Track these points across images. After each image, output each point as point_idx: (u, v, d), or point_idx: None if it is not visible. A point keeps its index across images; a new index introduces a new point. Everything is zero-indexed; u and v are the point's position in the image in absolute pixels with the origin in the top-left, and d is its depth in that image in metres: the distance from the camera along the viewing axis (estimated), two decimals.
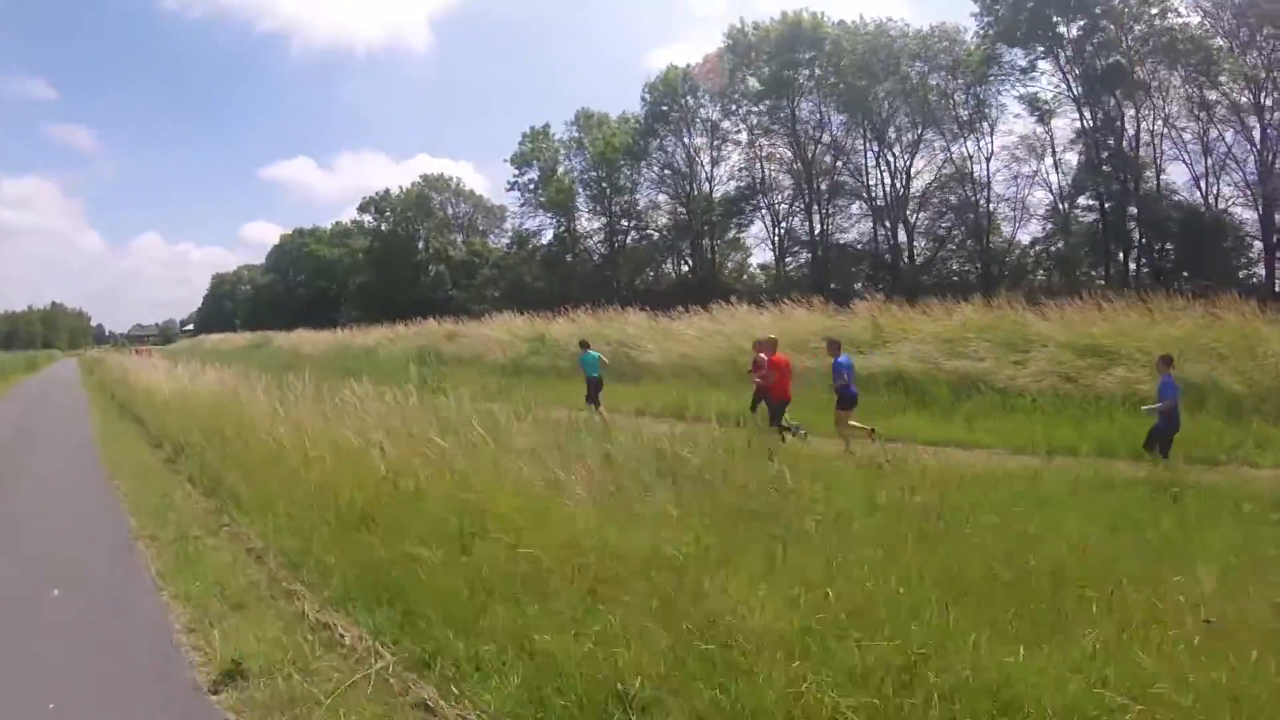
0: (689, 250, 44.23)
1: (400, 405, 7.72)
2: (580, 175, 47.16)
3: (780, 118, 38.83)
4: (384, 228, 61.14)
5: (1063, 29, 31.09)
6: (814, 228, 39.13)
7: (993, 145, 34.48)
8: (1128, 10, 29.81)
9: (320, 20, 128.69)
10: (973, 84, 33.98)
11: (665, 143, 43.26)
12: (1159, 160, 30.79)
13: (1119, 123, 30.89)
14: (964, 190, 35.10)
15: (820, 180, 38.49)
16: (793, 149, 39.01)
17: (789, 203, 40.40)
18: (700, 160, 42.69)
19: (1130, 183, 30.75)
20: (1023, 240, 35.07)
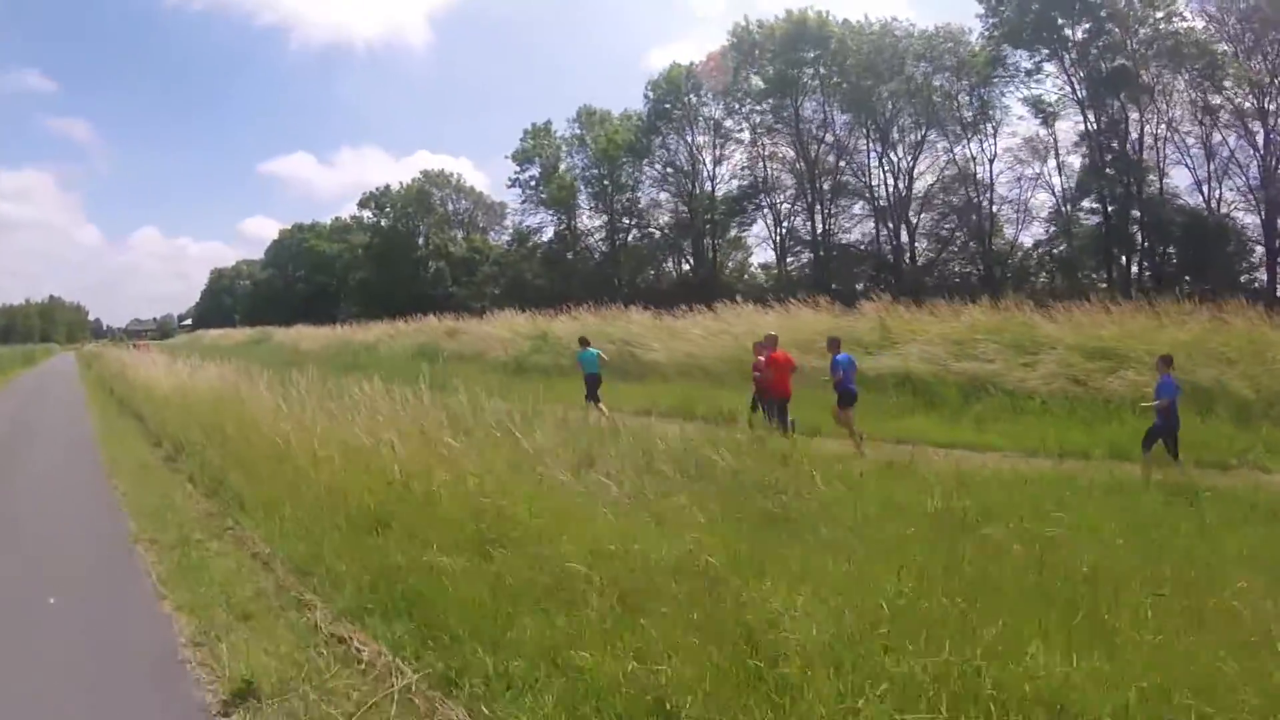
0: (690, 249, 44.11)
1: (411, 404, 7.61)
2: (582, 172, 47.02)
3: (784, 117, 38.69)
4: (384, 223, 60.96)
5: (1068, 31, 31.05)
6: (816, 228, 39.05)
7: (996, 147, 34.50)
8: (1133, 14, 29.79)
9: (319, 16, 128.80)
10: (977, 85, 33.92)
11: (668, 140, 43.10)
12: (1162, 164, 30.84)
13: (1123, 126, 30.87)
14: (967, 192, 35.05)
15: (823, 180, 38.40)
16: (795, 148, 38.88)
17: (791, 202, 40.34)
18: (702, 159, 42.63)
19: (1134, 186, 30.72)
20: (1025, 243, 35.12)
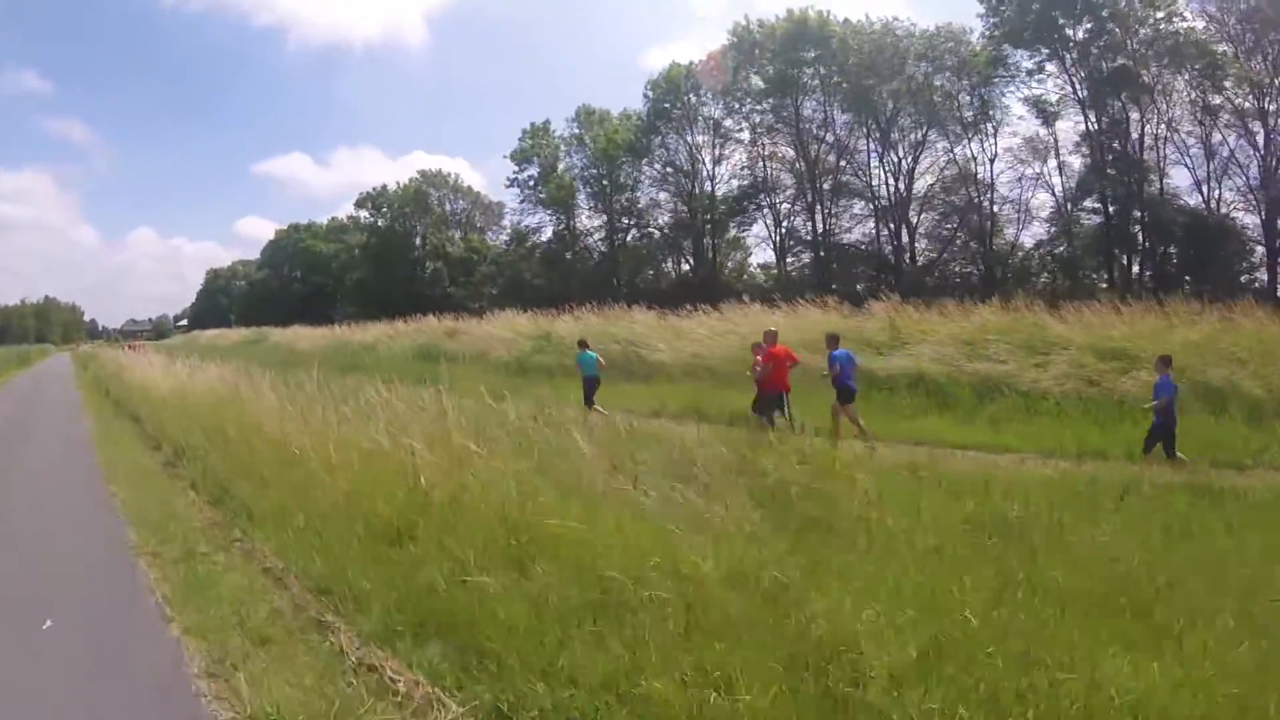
0: (690, 249, 44.00)
1: (427, 405, 7.42)
2: (581, 172, 46.81)
3: (784, 116, 38.59)
4: (381, 223, 60.62)
5: (1069, 31, 31.06)
6: (816, 227, 38.98)
7: (996, 147, 34.48)
8: (1133, 14, 29.81)
9: (317, 16, 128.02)
10: (978, 85, 33.90)
11: (667, 140, 42.95)
12: (1163, 164, 30.89)
13: (1124, 126, 30.89)
14: (967, 191, 35.03)
15: (823, 180, 38.33)
16: (796, 148, 38.78)
17: (791, 202, 40.25)
18: (702, 158, 42.51)
19: (1135, 186, 30.75)
20: (1026, 243, 35.09)
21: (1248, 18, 28.36)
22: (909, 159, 36.52)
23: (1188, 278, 29.24)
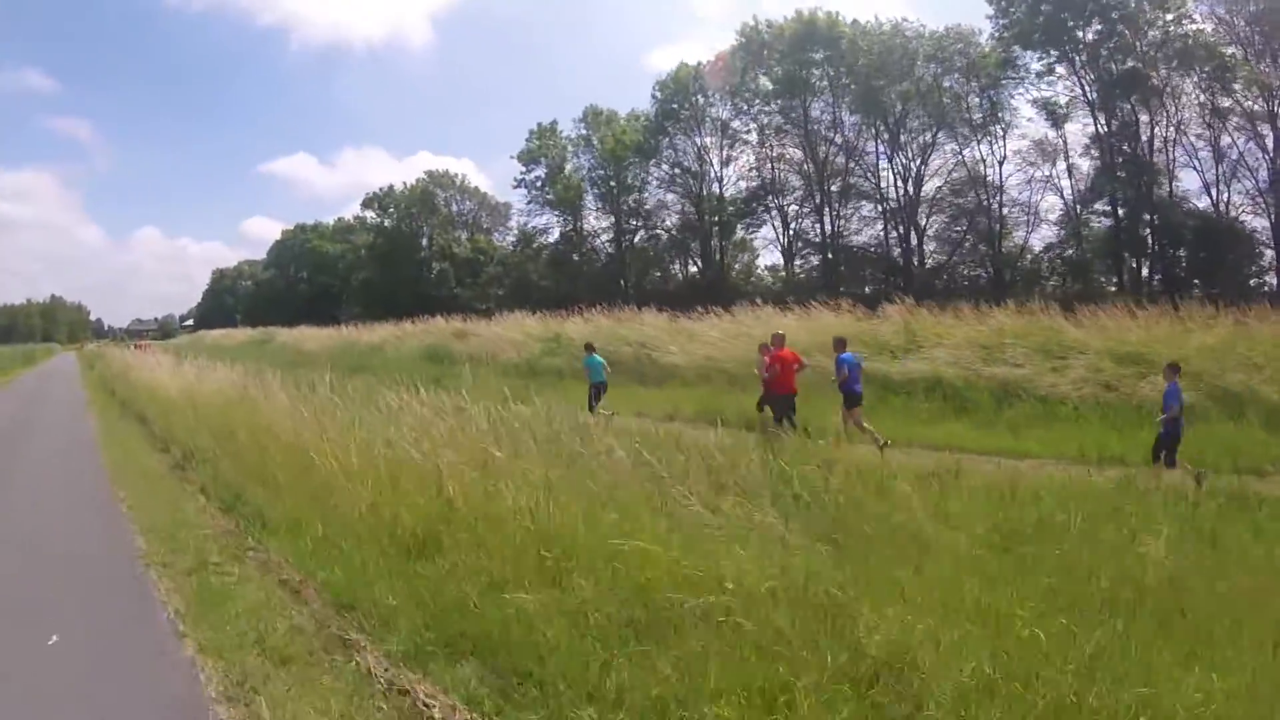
0: (698, 250, 43.94)
1: (448, 409, 7.35)
2: (588, 173, 46.72)
3: (793, 117, 38.51)
4: (388, 224, 60.66)
5: (1079, 33, 30.96)
6: (825, 229, 38.91)
7: (1005, 149, 34.37)
8: (1143, 16, 29.71)
9: (320, 16, 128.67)
10: (987, 87, 33.81)
11: (675, 141, 42.88)
12: (1172, 167, 30.76)
13: (1134, 128, 30.78)
14: (976, 194, 34.93)
15: (832, 181, 38.25)
16: (804, 149, 38.69)
17: (799, 204, 40.16)
18: (710, 160, 42.45)
19: (1145, 189, 30.64)
20: (1035, 245, 34.97)
21: (1257, 20, 28.24)
22: (918, 161, 36.48)
23: (1196, 281, 29.16)
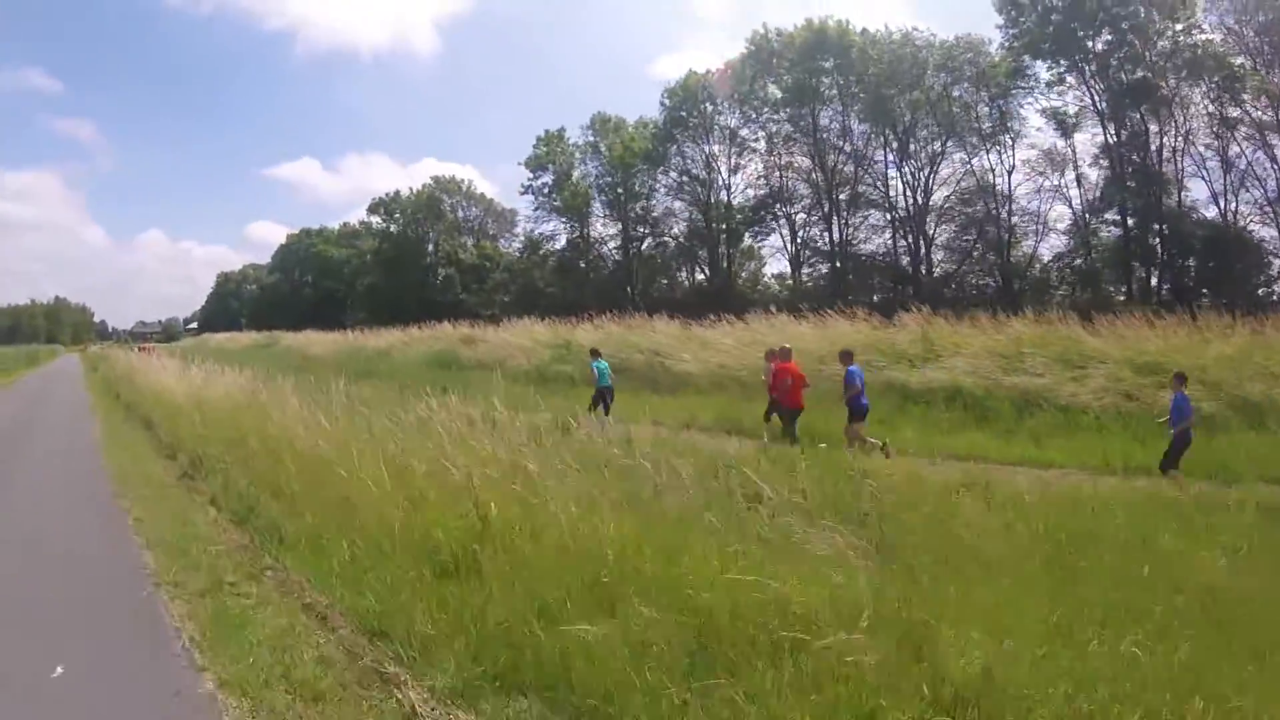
0: (705, 258, 43.93)
1: (477, 419, 7.24)
2: (596, 180, 46.85)
3: (801, 126, 38.58)
4: (394, 229, 60.83)
5: (1089, 43, 31.00)
6: (833, 238, 38.90)
7: (1014, 159, 34.37)
8: (1153, 26, 29.75)
9: (325, 21, 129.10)
10: (996, 96, 33.84)
11: (684, 148, 42.97)
12: (1181, 176, 30.77)
13: (1144, 138, 30.78)
14: (985, 203, 34.92)
15: (840, 190, 38.26)
16: (813, 158, 38.73)
17: (807, 212, 40.16)
18: (718, 168, 42.49)
19: (1154, 198, 30.62)
20: (1044, 255, 34.91)
21: (1266, 30, 28.31)
22: (927, 170, 36.47)
23: (1205, 290, 29.12)
